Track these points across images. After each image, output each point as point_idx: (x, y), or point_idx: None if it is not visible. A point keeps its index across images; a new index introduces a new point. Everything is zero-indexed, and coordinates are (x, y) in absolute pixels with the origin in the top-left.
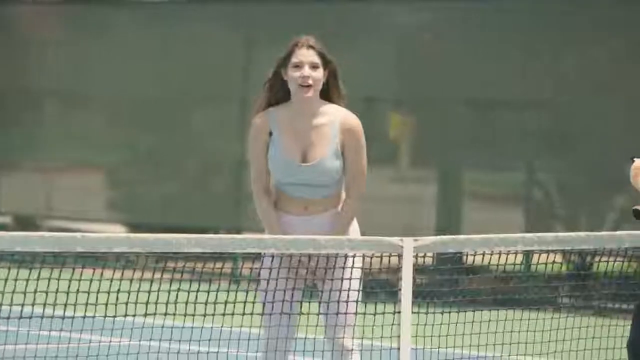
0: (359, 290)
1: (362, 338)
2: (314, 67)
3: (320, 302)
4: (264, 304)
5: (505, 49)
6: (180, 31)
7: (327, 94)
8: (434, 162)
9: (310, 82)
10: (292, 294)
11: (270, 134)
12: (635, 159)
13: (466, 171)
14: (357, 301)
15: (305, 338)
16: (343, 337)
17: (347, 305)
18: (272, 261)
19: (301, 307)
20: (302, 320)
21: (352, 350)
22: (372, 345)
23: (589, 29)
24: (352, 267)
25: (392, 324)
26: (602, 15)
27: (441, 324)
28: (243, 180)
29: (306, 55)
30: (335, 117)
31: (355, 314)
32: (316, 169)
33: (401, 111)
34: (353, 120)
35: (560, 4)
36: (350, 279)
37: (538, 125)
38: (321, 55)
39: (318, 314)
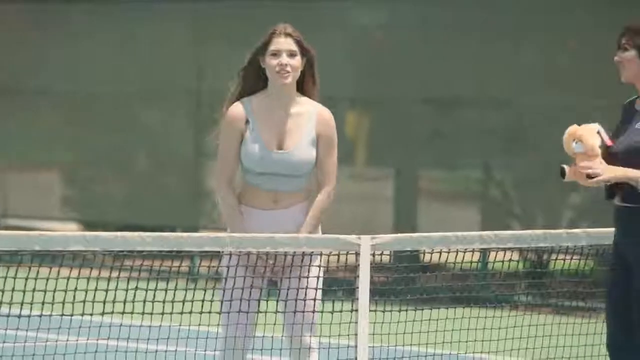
0: (317, 289)
1: (320, 336)
2: (291, 54)
3: (278, 300)
4: (222, 302)
5: (461, 47)
6: (134, 29)
7: (302, 82)
8: (391, 160)
9: (289, 69)
10: (251, 292)
11: (247, 122)
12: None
13: (423, 169)
14: (314, 299)
15: (263, 337)
16: (301, 336)
17: (304, 303)
18: (229, 259)
19: (259, 305)
20: (262, 319)
21: (311, 348)
22: (329, 343)
23: (546, 28)
24: (311, 265)
25: (350, 322)
26: (559, 15)
27: (398, 322)
28: (199, 177)
29: (284, 43)
30: (313, 108)
31: (313, 312)
32: (292, 157)
33: (358, 110)
34: (329, 114)
35: (517, 2)
36: (308, 277)
37: (494, 123)
38: (299, 44)
39: (275, 312)
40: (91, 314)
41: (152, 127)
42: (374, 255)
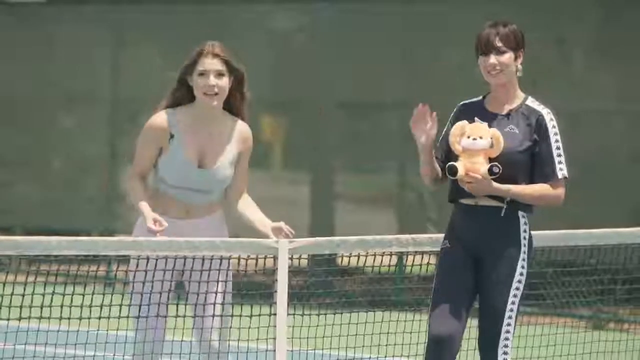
0: (225, 292)
1: (238, 340)
2: (219, 75)
3: (186, 305)
4: (132, 306)
5: (378, 51)
6: (52, 31)
7: (229, 97)
8: (307, 164)
9: (216, 90)
10: (160, 296)
11: (171, 136)
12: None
13: (339, 173)
14: (222, 304)
15: (172, 340)
16: (210, 340)
17: (214, 307)
18: (137, 263)
19: (167, 309)
20: (174, 323)
21: (220, 352)
22: (248, 347)
23: (464, 29)
24: (219, 270)
25: (268, 326)
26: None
27: (317, 326)
28: (115, 181)
29: (211, 63)
30: (234, 124)
31: (221, 316)
32: (213, 175)
33: (274, 113)
34: (247, 130)
35: (434, 4)
36: (217, 281)
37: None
38: (227, 64)
39: (184, 317)
40: (8, 319)
41: (68, 130)
42: (291, 258)
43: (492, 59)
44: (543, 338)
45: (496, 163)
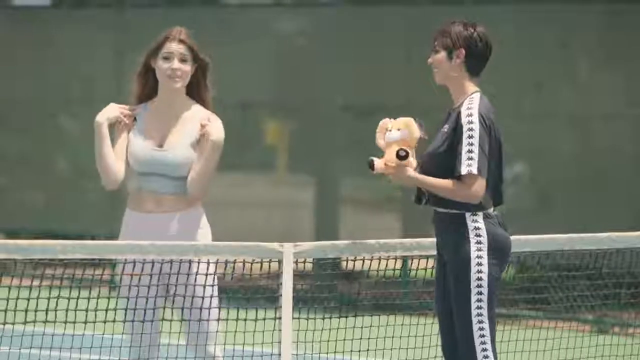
0: (211, 297)
1: (243, 344)
2: (183, 60)
3: (173, 308)
4: (125, 310)
5: (381, 53)
6: (55, 34)
7: (192, 89)
8: (311, 167)
9: (179, 73)
10: (148, 300)
11: (134, 119)
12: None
13: (343, 176)
14: (209, 308)
15: (168, 345)
16: (206, 345)
17: (200, 312)
18: (124, 268)
19: (154, 313)
20: (169, 327)
21: (216, 357)
22: (253, 351)
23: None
24: (203, 274)
25: (273, 330)
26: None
27: (322, 330)
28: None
29: (176, 48)
30: (196, 111)
31: (208, 320)
32: (173, 156)
33: (278, 116)
34: (211, 115)
35: (438, 6)
36: (200, 285)
37: None
38: (191, 50)
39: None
40: (13, 323)
41: (72, 134)
42: (296, 262)
43: (430, 58)
44: (548, 342)
45: (403, 147)
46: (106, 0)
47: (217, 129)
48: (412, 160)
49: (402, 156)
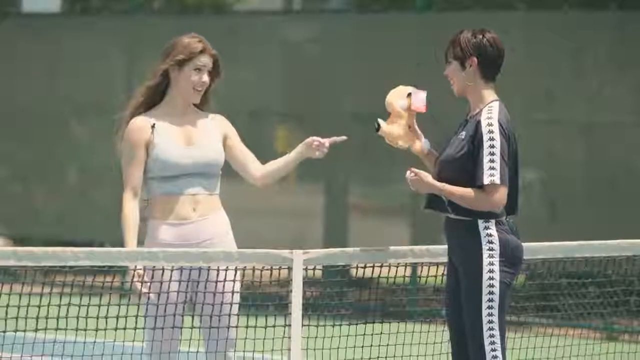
0: (232, 304)
1: (253, 351)
2: (208, 74)
3: (193, 315)
4: (147, 317)
5: (391, 61)
6: (66, 42)
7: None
8: (321, 175)
9: (205, 87)
10: (165, 307)
11: (152, 126)
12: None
13: (353, 184)
14: (229, 315)
15: (188, 352)
16: (225, 351)
17: (219, 319)
18: (144, 274)
19: (182, 321)
20: (187, 334)
21: None
22: (262, 358)
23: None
24: (226, 280)
25: (283, 337)
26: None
27: (332, 337)
28: None
29: (208, 62)
30: (207, 115)
31: (228, 327)
32: (206, 151)
33: (288, 124)
34: (217, 115)
35: (449, 15)
36: (223, 292)
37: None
38: (215, 64)
39: (192, 328)
40: (24, 331)
41: (81, 142)
42: (306, 269)
43: (445, 70)
44: (558, 350)
45: (378, 119)
46: (117, 7)
47: (229, 124)
48: (393, 128)
49: (375, 127)
